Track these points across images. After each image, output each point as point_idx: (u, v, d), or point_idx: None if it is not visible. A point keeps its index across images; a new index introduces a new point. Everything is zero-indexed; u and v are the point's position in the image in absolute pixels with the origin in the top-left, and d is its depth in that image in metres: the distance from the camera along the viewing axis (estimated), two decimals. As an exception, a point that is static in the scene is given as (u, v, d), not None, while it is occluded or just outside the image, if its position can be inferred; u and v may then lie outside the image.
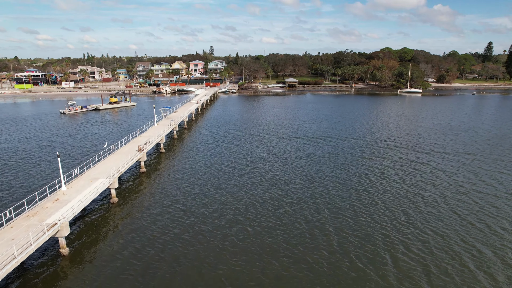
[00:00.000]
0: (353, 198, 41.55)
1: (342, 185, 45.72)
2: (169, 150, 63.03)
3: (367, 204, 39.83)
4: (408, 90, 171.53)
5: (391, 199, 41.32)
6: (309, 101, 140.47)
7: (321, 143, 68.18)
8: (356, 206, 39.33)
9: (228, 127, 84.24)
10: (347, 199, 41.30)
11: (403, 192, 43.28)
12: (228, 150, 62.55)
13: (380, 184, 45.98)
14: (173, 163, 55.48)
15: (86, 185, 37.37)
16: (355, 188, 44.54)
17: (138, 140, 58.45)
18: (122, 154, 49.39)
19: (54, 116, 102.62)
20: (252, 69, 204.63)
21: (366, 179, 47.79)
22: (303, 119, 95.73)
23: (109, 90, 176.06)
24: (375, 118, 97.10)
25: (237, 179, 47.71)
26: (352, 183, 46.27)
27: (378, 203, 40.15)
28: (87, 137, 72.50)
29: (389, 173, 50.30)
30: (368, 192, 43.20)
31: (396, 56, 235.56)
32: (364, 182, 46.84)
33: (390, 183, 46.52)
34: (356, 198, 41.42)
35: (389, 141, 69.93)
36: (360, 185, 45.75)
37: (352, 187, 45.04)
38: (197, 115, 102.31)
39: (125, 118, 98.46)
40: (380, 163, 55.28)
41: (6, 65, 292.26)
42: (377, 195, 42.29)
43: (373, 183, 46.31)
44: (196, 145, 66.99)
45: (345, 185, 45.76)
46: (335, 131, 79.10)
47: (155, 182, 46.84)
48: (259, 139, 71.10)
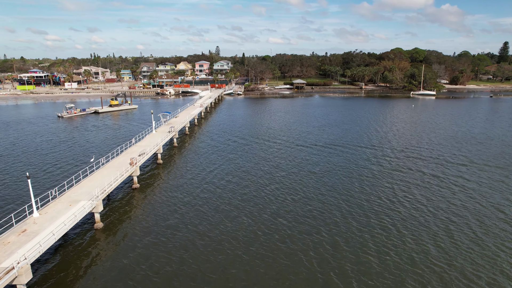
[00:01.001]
0: (374, 225, 35.72)
1: (359, 207, 39.90)
2: (167, 161, 57.70)
3: (391, 235, 33.95)
4: (421, 93, 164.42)
5: (418, 227, 35.39)
6: (318, 104, 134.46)
7: (333, 153, 62.33)
8: (378, 238, 33.50)
9: (232, 134, 78.74)
10: (366, 227, 35.48)
11: (431, 218, 37.33)
12: (231, 162, 57.03)
13: (403, 207, 40.05)
14: (170, 177, 50.09)
15: (63, 209, 32.12)
16: (375, 212, 38.69)
17: (133, 151, 53.20)
18: (112, 169, 44.14)
19: (51, 119, 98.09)
20: (258, 70, 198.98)
21: (386, 201, 41.89)
22: (312, 125, 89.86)
23: (111, 91, 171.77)
24: (389, 124, 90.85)
25: (237, 200, 42.14)
26: (370, 205, 40.42)
27: (403, 233, 34.26)
28: (78, 145, 67.42)
29: (412, 192, 44.32)
30: (391, 218, 37.31)
31: (407, 57, 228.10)
32: (385, 204, 40.94)
33: (415, 205, 40.56)
34: (377, 226, 35.57)
35: (407, 151, 63.81)
36: (380, 207, 39.88)
37: (371, 210, 39.20)
38: (200, 120, 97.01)
39: (124, 123, 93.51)
40: (400, 178, 49.28)
41: (11, 66, 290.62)
42: (401, 223, 36.39)
43: (395, 206, 40.39)
44: (196, 155, 61.59)
45: (363, 207, 39.93)
46: (347, 139, 73.14)
47: (147, 202, 41.47)
48: (265, 149, 65.48)
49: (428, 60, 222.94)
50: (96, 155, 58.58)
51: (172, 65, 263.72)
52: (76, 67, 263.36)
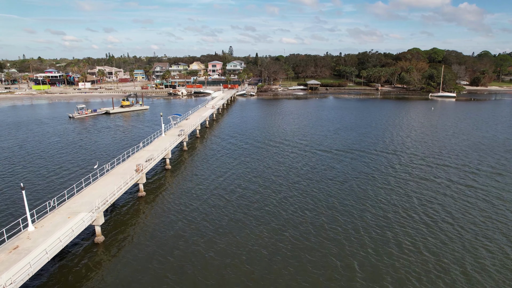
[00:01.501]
0: (392, 245, 32.35)
1: (377, 224, 36.52)
2: (176, 167, 55.26)
3: (412, 258, 30.56)
4: (441, 94, 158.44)
5: (444, 250, 31.87)
6: (333, 106, 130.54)
7: (349, 159, 58.84)
8: (396, 263, 30.16)
9: (244, 137, 75.96)
10: (383, 246, 32.15)
11: (458, 239, 33.70)
12: (242, 167, 54.20)
13: (426, 226, 36.47)
14: (178, 184, 47.59)
15: (61, 222, 29.85)
16: (394, 230, 35.26)
17: (140, 156, 50.94)
18: (117, 176, 41.87)
19: (62, 120, 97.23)
20: (272, 71, 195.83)
21: (406, 216, 38.36)
22: (327, 128, 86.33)
23: (124, 91, 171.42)
24: (408, 128, 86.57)
25: (246, 210, 39.26)
26: (389, 222, 36.98)
27: (426, 257, 30.80)
28: (85, 148, 65.56)
29: (435, 207, 40.64)
30: (412, 238, 33.86)
31: (425, 57, 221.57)
32: (405, 221, 37.43)
33: (439, 223, 36.92)
34: (394, 246, 32.20)
35: (429, 158, 59.81)
36: (399, 225, 36.42)
37: (390, 227, 35.78)
38: (211, 122, 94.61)
39: (134, 124, 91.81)
40: (423, 190, 45.57)
41: (29, 66, 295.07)
42: (424, 243, 32.92)
43: (416, 223, 36.86)
44: (207, 160, 59.00)
45: (380, 224, 36.53)
46: (364, 144, 69.46)
47: (152, 213, 39.00)
48: (278, 153, 62.44)
49: (447, 60, 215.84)
50: (101, 159, 56.68)
51: (185, 65, 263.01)
52: (91, 67, 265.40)
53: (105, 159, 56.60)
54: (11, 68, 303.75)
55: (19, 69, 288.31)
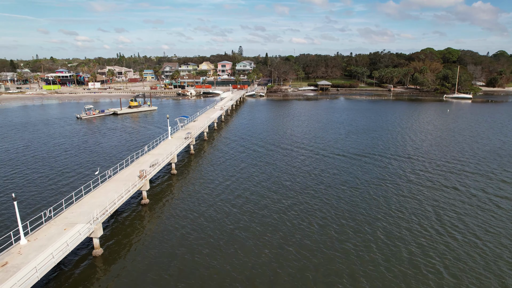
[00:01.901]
0: (417, 264, 29.70)
1: (398, 238, 33.85)
2: (182, 172, 53.27)
3: (440, 280, 27.91)
4: (456, 96, 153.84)
5: (469, 274, 29.09)
6: (344, 107, 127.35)
7: (363, 163, 56.05)
8: (418, 286, 27.53)
9: (253, 140, 73.70)
10: (408, 265, 29.52)
11: (490, 257, 30.86)
12: (250, 172, 51.94)
13: (454, 240, 33.69)
14: (183, 191, 45.57)
15: (56, 235, 28.02)
16: (419, 247, 32.57)
17: (144, 160, 49.10)
18: (120, 182, 40.03)
19: (69, 121, 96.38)
20: (282, 71, 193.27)
21: (431, 230, 35.59)
22: (339, 131, 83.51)
23: (133, 91, 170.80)
24: (424, 132, 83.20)
25: (250, 221, 36.99)
26: (413, 236, 34.27)
27: (458, 279, 28.10)
28: (89, 151, 63.94)
29: (462, 219, 37.75)
30: (438, 256, 31.13)
31: (439, 57, 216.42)
32: (429, 236, 34.69)
33: (468, 238, 34.08)
34: (422, 265, 29.54)
35: (448, 165, 56.66)
36: (424, 239, 33.71)
37: (414, 242, 33.09)
38: (220, 124, 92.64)
39: (141, 126, 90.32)
40: (445, 200, 42.65)
41: (40, 66, 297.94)
42: (452, 264, 30.17)
43: (442, 239, 34.08)
44: (214, 164, 56.90)
45: (403, 238, 33.86)
46: (377, 149, 66.54)
47: (154, 223, 37.00)
48: (288, 158, 59.98)
49: (463, 61, 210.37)
50: (105, 163, 54.98)
51: (195, 65, 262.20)
52: (101, 67, 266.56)
53: (109, 163, 54.96)
54: (24, 68, 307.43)
55: (32, 69, 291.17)
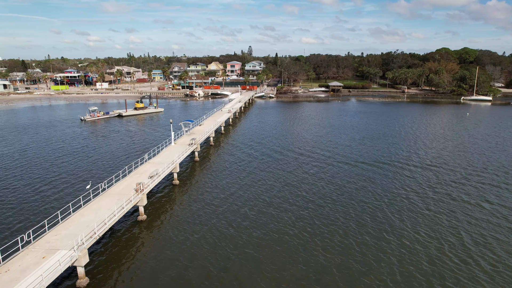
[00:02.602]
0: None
1: (427, 265, 29.33)
2: (185, 182, 49.42)
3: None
4: (474, 98, 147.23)
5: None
6: (357, 110, 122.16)
7: (380, 174, 51.40)
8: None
9: (261, 146, 69.57)
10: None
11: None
12: (257, 184, 47.81)
13: (497, 279, 29.07)
14: (185, 205, 41.69)
15: (33, 265, 24.29)
16: (450, 278, 28.05)
17: (144, 170, 45.38)
18: (113, 197, 36.32)
19: (73, 123, 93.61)
20: (292, 71, 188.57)
21: (467, 258, 30.98)
22: (352, 136, 78.79)
23: (140, 92, 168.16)
24: (443, 138, 77.92)
25: (253, 242, 32.86)
26: (441, 263, 29.73)
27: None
28: (87, 157, 60.10)
29: (498, 246, 33.01)
30: (479, 289, 26.59)
31: (455, 58, 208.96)
32: (461, 268, 30.09)
33: (505, 275, 29.43)
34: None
35: (476, 176, 51.64)
36: (457, 270, 29.16)
37: (441, 268, 28.59)
38: (227, 127, 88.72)
39: (145, 129, 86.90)
40: (477, 219, 37.88)
41: (50, 66, 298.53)
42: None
43: (474, 271, 29.48)
44: (219, 174, 52.92)
45: (431, 271, 29.34)
46: (395, 157, 61.74)
47: (151, 244, 33.16)
48: (299, 167, 55.66)
49: (480, 61, 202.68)
50: (100, 174, 51.17)
51: (203, 65, 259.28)
52: (110, 67, 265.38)
53: (105, 173, 51.26)
54: (35, 68, 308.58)
55: (43, 69, 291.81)
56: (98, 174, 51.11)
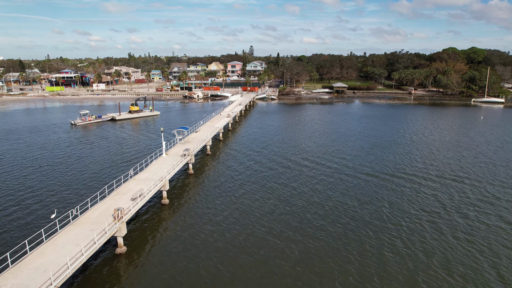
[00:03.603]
0: None
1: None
2: (176, 202, 43.60)
3: None
4: (486, 100, 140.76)
5: None
6: (363, 113, 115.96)
7: (394, 190, 45.46)
8: None
9: (262, 155, 63.68)
10: None
11: None
12: (256, 203, 41.99)
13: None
14: (173, 234, 35.85)
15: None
16: None
17: (127, 189, 39.58)
18: (86, 226, 30.54)
19: (61, 127, 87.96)
20: (294, 72, 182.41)
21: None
22: (359, 144, 72.78)
23: (137, 93, 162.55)
24: (460, 146, 71.81)
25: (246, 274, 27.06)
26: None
27: None
28: (64, 171, 53.64)
29: None
30: None
31: (463, 58, 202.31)
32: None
33: None
34: None
35: (507, 195, 45.62)
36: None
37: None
38: (226, 133, 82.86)
39: (138, 134, 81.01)
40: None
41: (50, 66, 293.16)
42: None
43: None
44: (214, 190, 47.07)
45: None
46: (410, 169, 55.76)
47: (133, 282, 27.35)
48: (302, 181, 49.74)
49: (489, 61, 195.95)
50: (74, 195, 44.95)
51: (204, 65, 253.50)
52: (108, 67, 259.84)
53: (82, 191, 45.30)
54: (34, 68, 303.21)
55: (42, 69, 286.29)
56: (73, 194, 44.71)
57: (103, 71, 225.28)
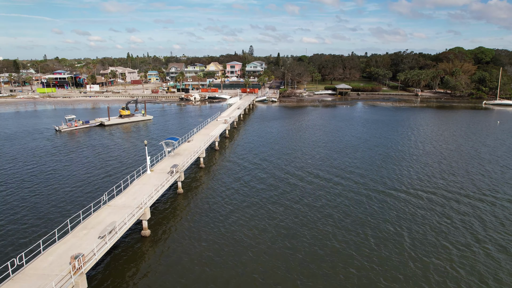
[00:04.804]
0: None
1: None
2: (158, 232, 36.61)
3: None
4: (498, 102, 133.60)
5: None
6: (369, 117, 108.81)
7: (418, 215, 38.47)
8: None
9: (261, 170, 56.65)
10: None
11: None
12: (251, 233, 35.02)
13: None
14: (152, 279, 28.88)
15: None
16: None
17: (96, 221, 32.58)
18: (30, 282, 23.55)
19: (42, 134, 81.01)
20: (296, 73, 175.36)
21: None
22: (372, 155, 65.76)
23: (131, 95, 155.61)
24: (482, 158, 64.81)
25: None
26: None
27: None
28: (28, 191, 46.49)
29: None
30: None
31: (470, 58, 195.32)
32: None
33: None
34: None
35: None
36: None
37: None
38: (223, 141, 75.86)
39: (125, 143, 73.81)
40: None
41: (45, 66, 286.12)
42: None
43: None
44: (205, 217, 40.09)
45: None
46: (434, 186, 48.78)
47: None
48: (308, 203, 42.74)
49: (498, 61, 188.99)
50: (31, 225, 37.83)
51: (202, 65, 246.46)
52: (105, 67, 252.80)
53: (35, 229, 36.88)
54: (30, 68, 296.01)
55: (38, 70, 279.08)
56: (21, 231, 36.09)
57: (99, 71, 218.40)
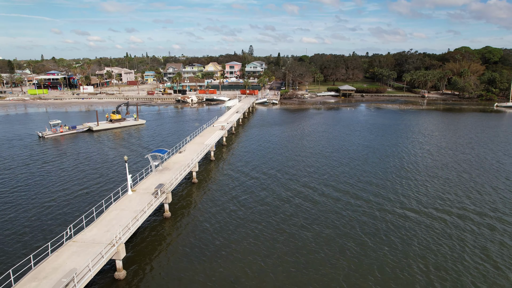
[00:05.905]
0: None
1: None
2: (137, 270, 30.05)
3: None
4: (511, 105, 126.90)
5: None
6: (376, 121, 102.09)
7: (440, 247, 31.95)
8: None
9: (260, 186, 50.05)
10: None
11: None
12: (249, 269, 28.45)
13: None
14: None
15: None
16: None
17: (53, 266, 26.03)
18: None
19: (25, 141, 74.52)
20: (297, 73, 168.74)
21: None
22: (384, 167, 59.21)
23: (126, 97, 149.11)
24: (505, 170, 58.29)
25: None
26: None
27: None
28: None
29: None
30: None
31: (477, 58, 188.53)
32: None
33: None
34: None
35: None
36: None
37: None
38: (219, 150, 69.26)
39: (111, 152, 66.98)
40: None
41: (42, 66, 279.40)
42: None
43: None
44: (195, 249, 33.53)
45: None
46: (460, 206, 42.26)
47: None
48: (314, 231, 36.18)
49: (506, 61, 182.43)
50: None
51: (201, 66, 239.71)
52: (101, 68, 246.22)
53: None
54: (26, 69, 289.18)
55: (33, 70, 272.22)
56: None
57: (94, 72, 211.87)
